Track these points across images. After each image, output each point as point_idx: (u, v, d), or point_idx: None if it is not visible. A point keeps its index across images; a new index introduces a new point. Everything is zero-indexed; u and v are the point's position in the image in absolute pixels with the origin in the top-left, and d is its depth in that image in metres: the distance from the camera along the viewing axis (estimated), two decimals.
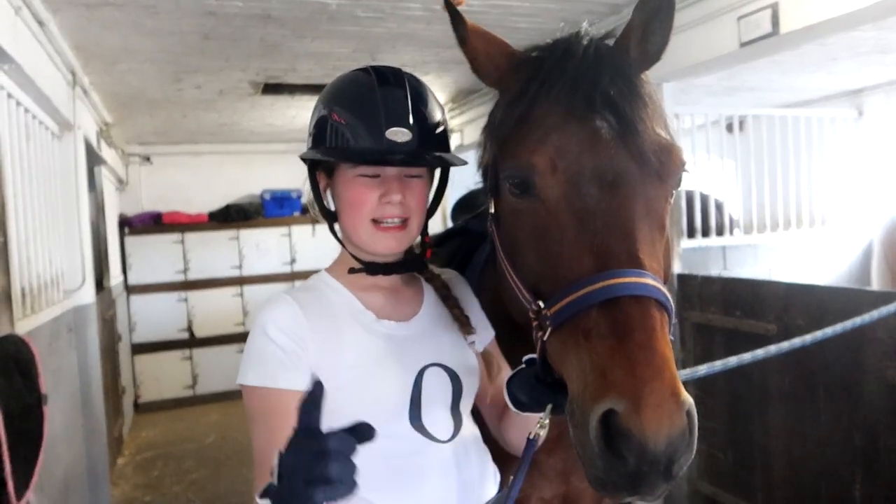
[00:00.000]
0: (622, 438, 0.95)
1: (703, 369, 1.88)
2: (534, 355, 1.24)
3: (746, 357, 1.98)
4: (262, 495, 0.89)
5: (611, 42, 1.31)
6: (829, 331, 2.13)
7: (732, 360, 1.94)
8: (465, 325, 1.43)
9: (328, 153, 1.32)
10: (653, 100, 1.24)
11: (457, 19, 1.33)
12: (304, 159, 1.38)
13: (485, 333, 1.50)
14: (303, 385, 1.23)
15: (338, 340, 1.28)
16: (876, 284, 4.80)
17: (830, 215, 5.32)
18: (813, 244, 5.09)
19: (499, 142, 1.27)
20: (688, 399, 0.98)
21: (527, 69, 1.28)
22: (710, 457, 3.72)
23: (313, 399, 0.89)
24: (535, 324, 1.16)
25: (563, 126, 1.17)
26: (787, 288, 3.24)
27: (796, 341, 2.08)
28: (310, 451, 0.84)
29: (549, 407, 1.19)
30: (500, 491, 1.42)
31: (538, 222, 1.18)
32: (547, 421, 1.19)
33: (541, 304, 1.13)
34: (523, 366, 1.26)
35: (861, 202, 5.50)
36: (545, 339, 1.12)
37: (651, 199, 1.17)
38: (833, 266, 5.22)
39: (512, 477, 1.18)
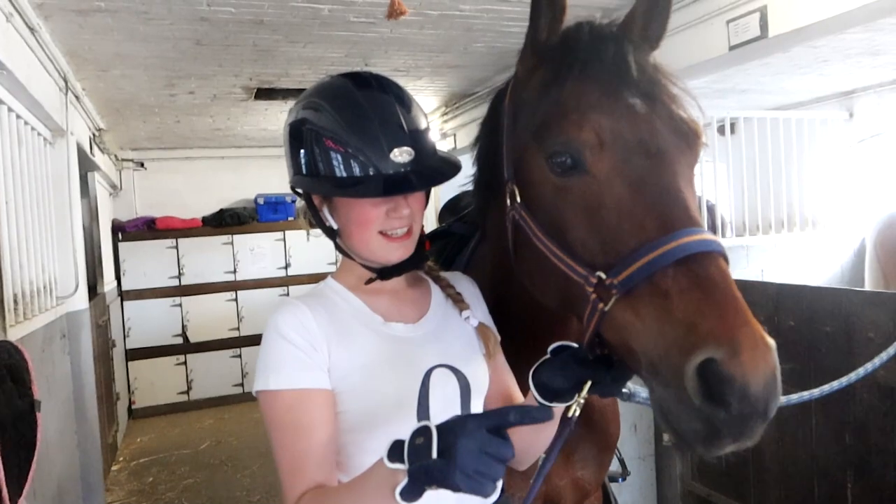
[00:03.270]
0: (724, 384, 0.95)
1: None
2: (561, 343, 1.25)
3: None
4: (393, 457, 0.98)
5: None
6: (843, 380, 2.09)
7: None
8: (458, 301, 1.45)
9: (336, 190, 1.30)
10: (675, 76, 1.31)
11: None
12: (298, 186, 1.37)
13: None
14: (324, 383, 1.25)
15: (347, 344, 1.29)
16: (868, 285, 4.83)
17: (822, 216, 5.35)
18: (805, 245, 5.12)
19: (536, 124, 1.28)
20: (773, 342, 1.01)
21: (557, 51, 1.31)
22: (704, 458, 3.72)
23: (520, 410, 0.99)
24: (593, 297, 1.15)
25: (604, 103, 1.21)
26: (777, 288, 3.26)
27: (827, 387, 2.02)
28: (494, 451, 0.94)
29: (588, 385, 1.19)
30: (501, 494, 1.43)
31: (590, 197, 1.19)
32: (583, 400, 1.19)
33: (601, 275, 1.14)
34: (548, 356, 1.25)
35: (852, 203, 5.53)
36: (606, 309, 1.12)
37: (686, 168, 1.23)
38: (825, 267, 5.24)
39: (543, 456, 1.18)
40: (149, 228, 7.58)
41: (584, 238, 1.20)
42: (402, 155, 1.27)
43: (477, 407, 1.41)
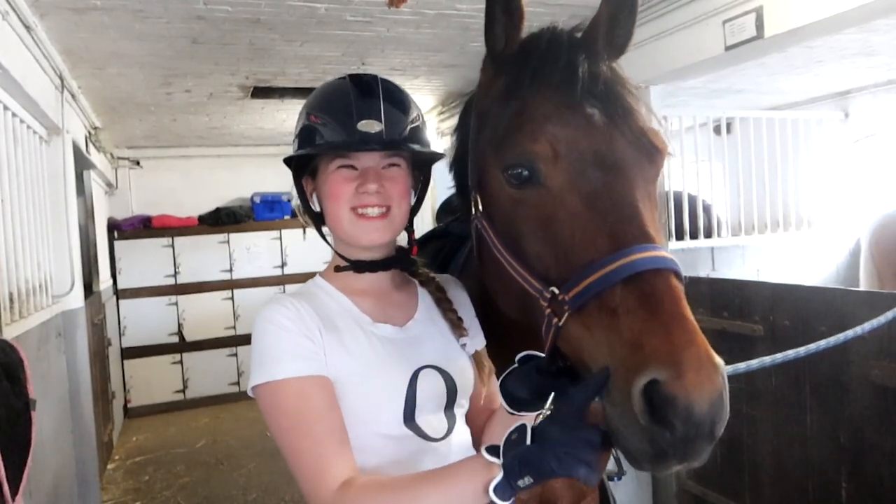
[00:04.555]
0: (668, 406, 0.95)
1: None
2: (528, 352, 1.23)
3: (741, 367, 1.99)
4: (491, 451, 1.06)
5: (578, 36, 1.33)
6: (822, 343, 2.12)
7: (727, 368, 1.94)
8: (458, 327, 1.45)
9: (303, 148, 1.38)
10: (634, 86, 1.28)
11: None
12: (288, 165, 1.45)
13: (477, 339, 1.51)
14: (324, 370, 1.26)
15: (338, 341, 1.30)
16: (863, 285, 4.84)
17: (817, 216, 5.37)
18: (800, 245, 5.13)
19: (494, 136, 1.27)
20: (721, 362, 1.00)
21: (514, 61, 1.30)
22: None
23: (596, 384, 1.02)
24: (547, 311, 1.15)
25: (560, 114, 1.19)
26: (772, 288, 3.27)
27: (790, 353, 2.07)
28: (582, 436, 1.00)
29: (552, 396, 1.16)
30: None
31: (544, 210, 1.18)
32: (548, 411, 1.16)
33: (554, 290, 1.13)
34: (516, 365, 1.25)
35: (848, 203, 5.55)
36: (560, 324, 1.11)
37: (646, 181, 1.20)
38: (820, 267, 5.26)
39: None
40: (145, 227, 7.57)
41: (538, 251, 1.19)
42: (370, 126, 1.32)
43: (463, 406, 1.43)
